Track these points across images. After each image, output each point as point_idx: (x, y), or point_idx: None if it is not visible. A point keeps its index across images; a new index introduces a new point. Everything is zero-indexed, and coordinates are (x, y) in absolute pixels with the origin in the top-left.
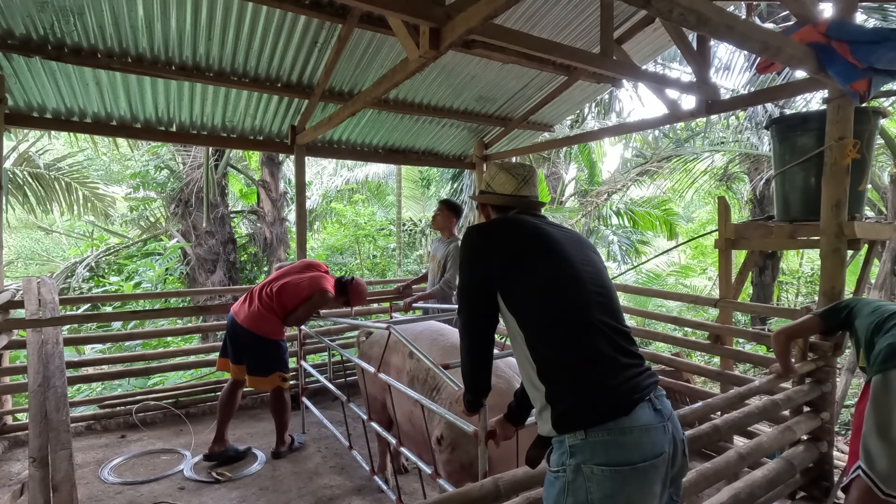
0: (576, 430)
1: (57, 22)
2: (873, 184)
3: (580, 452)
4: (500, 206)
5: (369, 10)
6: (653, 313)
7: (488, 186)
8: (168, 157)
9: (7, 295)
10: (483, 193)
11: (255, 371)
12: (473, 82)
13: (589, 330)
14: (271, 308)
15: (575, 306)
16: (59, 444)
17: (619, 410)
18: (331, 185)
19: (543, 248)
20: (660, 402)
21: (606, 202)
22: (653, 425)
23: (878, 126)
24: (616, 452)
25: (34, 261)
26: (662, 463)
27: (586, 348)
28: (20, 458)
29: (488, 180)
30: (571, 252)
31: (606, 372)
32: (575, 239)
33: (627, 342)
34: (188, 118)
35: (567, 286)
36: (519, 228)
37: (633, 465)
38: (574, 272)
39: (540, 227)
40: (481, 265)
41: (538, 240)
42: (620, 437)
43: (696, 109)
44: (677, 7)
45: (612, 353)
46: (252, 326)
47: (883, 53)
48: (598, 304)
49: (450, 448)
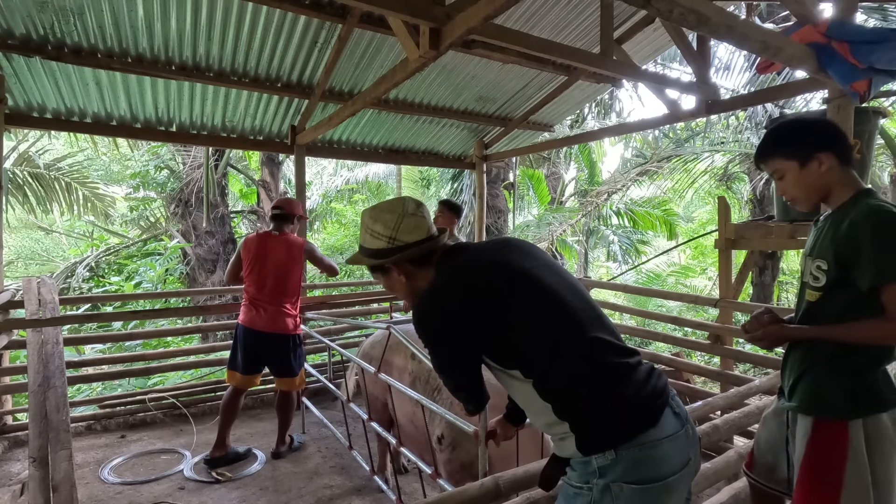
0: (605, 451)
1: (57, 22)
2: (873, 184)
3: (611, 471)
4: (421, 258)
5: (369, 10)
6: (653, 313)
7: (393, 241)
8: (168, 157)
9: (7, 295)
10: (391, 252)
11: (285, 373)
12: (473, 82)
13: (592, 348)
14: (284, 302)
15: (572, 331)
16: (59, 444)
17: (646, 421)
18: (331, 185)
19: (519, 285)
20: (677, 405)
21: (606, 202)
22: (678, 433)
23: (878, 126)
24: (647, 468)
25: (34, 261)
26: (689, 471)
27: (598, 367)
28: (20, 458)
29: (389, 234)
30: (537, 272)
31: (625, 383)
32: (522, 249)
33: (621, 341)
34: (188, 118)
35: (558, 313)
36: (475, 276)
37: (663, 481)
38: (552, 294)
39: (492, 260)
40: (456, 338)
41: (506, 278)
42: (651, 451)
43: (696, 109)
44: (677, 7)
45: (621, 359)
46: (276, 329)
47: (883, 53)
48: (588, 320)
49: (450, 448)
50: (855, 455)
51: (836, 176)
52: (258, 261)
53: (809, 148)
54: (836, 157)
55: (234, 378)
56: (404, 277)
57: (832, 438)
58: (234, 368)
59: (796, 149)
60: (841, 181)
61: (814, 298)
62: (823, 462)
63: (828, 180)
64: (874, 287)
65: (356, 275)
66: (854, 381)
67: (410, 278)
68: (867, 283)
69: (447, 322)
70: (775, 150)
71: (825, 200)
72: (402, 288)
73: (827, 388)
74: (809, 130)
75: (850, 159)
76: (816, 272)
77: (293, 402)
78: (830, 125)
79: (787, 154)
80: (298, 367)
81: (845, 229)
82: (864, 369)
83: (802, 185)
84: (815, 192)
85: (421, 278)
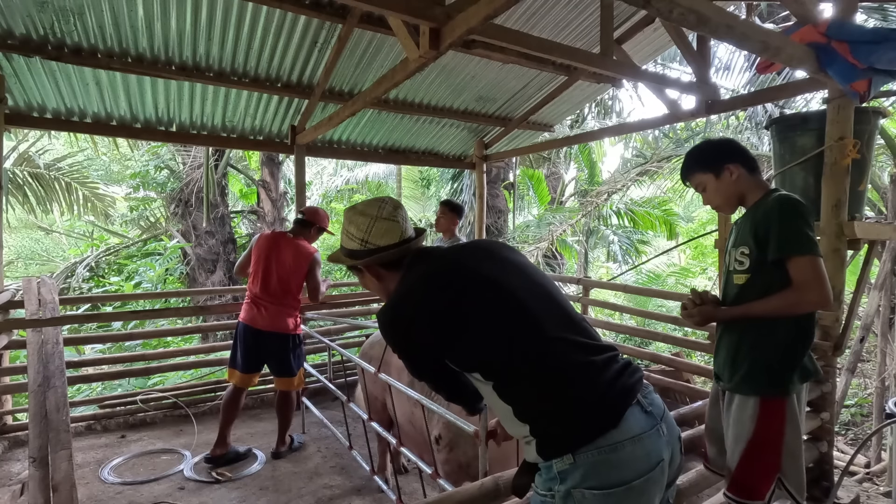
0: (563, 455)
1: (57, 22)
2: (873, 184)
3: (570, 477)
4: (392, 262)
5: (369, 10)
6: (653, 313)
7: (365, 243)
8: (168, 157)
9: (7, 295)
10: (362, 253)
11: (284, 372)
12: (473, 82)
13: (552, 348)
14: (286, 302)
15: (528, 332)
16: (59, 444)
17: (607, 423)
18: (331, 185)
19: (470, 289)
20: (649, 401)
21: (606, 202)
22: (645, 433)
23: (878, 126)
24: (608, 473)
25: (34, 261)
26: (661, 472)
27: (554, 368)
28: (20, 458)
29: (362, 236)
30: (497, 273)
31: (586, 382)
32: (489, 251)
33: (594, 340)
34: (188, 118)
35: (513, 315)
36: (433, 285)
37: (627, 485)
38: (510, 295)
39: (451, 265)
40: (418, 345)
41: (460, 283)
42: (612, 454)
43: (696, 109)
44: (677, 7)
45: (585, 357)
46: (276, 328)
47: (883, 53)
48: (548, 318)
49: (448, 448)
50: (792, 421)
51: (746, 182)
52: (265, 259)
53: (719, 161)
54: (743, 166)
55: (233, 376)
56: (377, 279)
57: (776, 413)
58: (234, 366)
59: (709, 164)
60: (751, 185)
61: (742, 281)
62: (769, 434)
63: (740, 186)
64: (780, 260)
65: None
66: (793, 360)
67: (382, 280)
68: (773, 256)
69: (408, 331)
70: (694, 167)
71: (742, 203)
72: (375, 288)
73: (769, 369)
74: (717, 148)
75: (756, 168)
76: (740, 257)
77: (293, 402)
78: (732, 143)
79: (703, 169)
80: (297, 366)
81: (760, 215)
82: (796, 348)
83: (721, 193)
84: (731, 197)
85: (391, 280)
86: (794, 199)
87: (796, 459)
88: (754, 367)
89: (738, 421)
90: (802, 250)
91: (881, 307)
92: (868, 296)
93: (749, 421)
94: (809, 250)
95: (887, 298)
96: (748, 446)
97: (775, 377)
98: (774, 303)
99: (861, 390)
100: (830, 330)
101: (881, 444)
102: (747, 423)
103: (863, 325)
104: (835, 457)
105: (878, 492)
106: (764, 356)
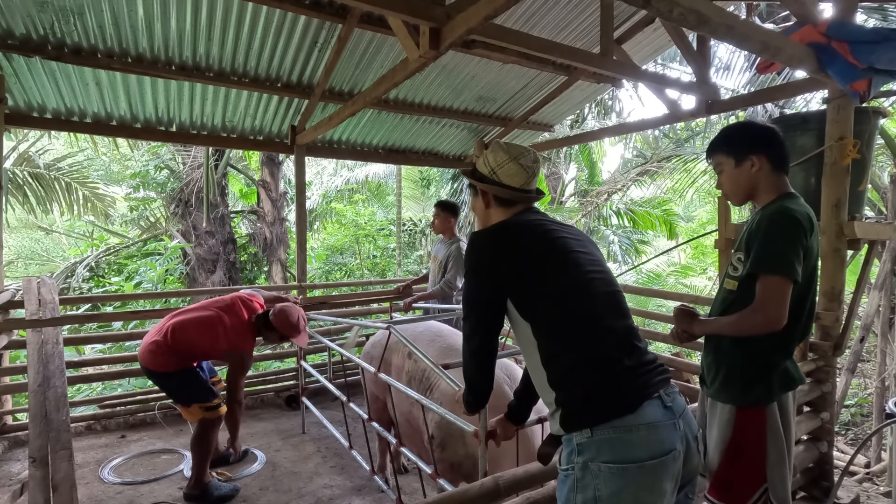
0: (582, 429)
1: (57, 22)
2: (873, 184)
3: (587, 450)
4: (504, 199)
5: (369, 10)
6: (653, 313)
7: (493, 173)
8: (168, 157)
9: (7, 295)
10: (486, 180)
11: (176, 400)
12: (473, 82)
13: (598, 334)
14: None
15: (588, 312)
16: (59, 444)
17: (624, 408)
18: (331, 185)
19: (554, 253)
20: (671, 400)
21: (606, 202)
22: (661, 422)
23: (878, 126)
24: (621, 450)
25: (34, 261)
26: (673, 460)
27: (594, 352)
28: (20, 458)
29: (494, 166)
30: (580, 254)
31: (612, 373)
32: (579, 237)
33: (636, 340)
34: (188, 118)
35: (581, 291)
36: (528, 233)
37: (640, 463)
38: (585, 276)
39: (548, 229)
40: (490, 274)
41: (548, 245)
42: (626, 434)
43: (696, 109)
44: (677, 7)
45: (619, 354)
46: (145, 362)
47: (883, 53)
48: (608, 307)
49: (440, 447)
50: (773, 432)
51: (765, 178)
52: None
53: (745, 148)
54: (769, 161)
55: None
56: (485, 206)
57: (754, 422)
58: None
59: (734, 148)
60: (768, 184)
61: (732, 287)
62: (748, 442)
63: (756, 181)
64: (752, 275)
65: (356, 275)
66: (769, 369)
67: (488, 207)
68: (748, 270)
69: (482, 261)
70: (720, 145)
71: (754, 199)
72: (479, 211)
73: (744, 377)
74: (749, 134)
75: (782, 167)
76: (736, 262)
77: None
78: (770, 132)
79: (726, 151)
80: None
81: (755, 224)
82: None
83: (734, 182)
84: (743, 189)
85: (495, 215)
86: (787, 214)
87: (780, 470)
88: (729, 375)
89: (718, 426)
90: (771, 269)
91: (881, 307)
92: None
93: (727, 427)
94: (778, 270)
95: (887, 298)
96: (727, 452)
97: (749, 386)
98: (736, 324)
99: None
100: (830, 330)
101: (881, 444)
102: (725, 429)
103: (863, 325)
104: (835, 457)
105: (878, 492)
106: (738, 365)
